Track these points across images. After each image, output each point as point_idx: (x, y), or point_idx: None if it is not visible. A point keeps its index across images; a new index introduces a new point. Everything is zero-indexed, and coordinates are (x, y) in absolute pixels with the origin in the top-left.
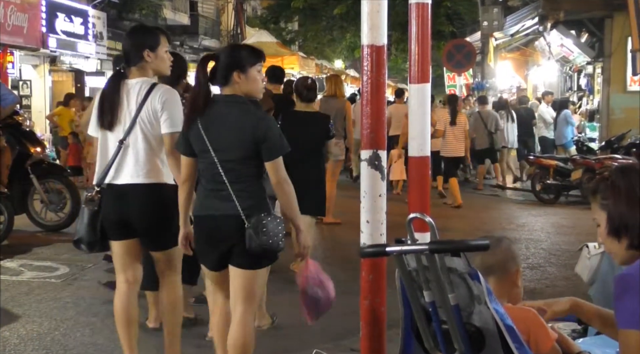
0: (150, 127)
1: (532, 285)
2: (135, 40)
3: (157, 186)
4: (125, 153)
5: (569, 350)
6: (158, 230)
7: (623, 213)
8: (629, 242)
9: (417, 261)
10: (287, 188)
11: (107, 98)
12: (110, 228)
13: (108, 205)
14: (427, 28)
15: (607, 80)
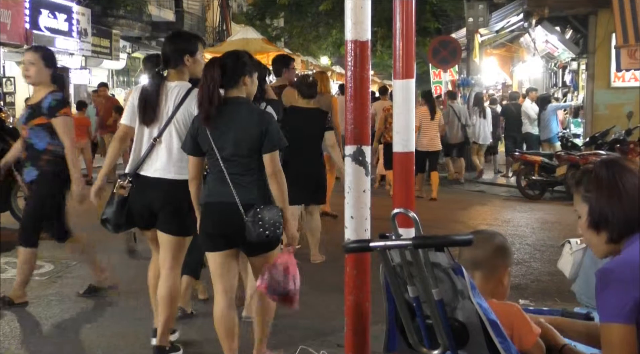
0: (184, 127)
1: (517, 280)
2: (178, 45)
3: (183, 181)
4: (158, 149)
5: (554, 343)
6: (175, 216)
7: (604, 206)
8: (609, 236)
9: (401, 257)
10: (280, 180)
11: (149, 98)
12: (137, 216)
13: (137, 194)
14: (412, 24)
15: (591, 76)
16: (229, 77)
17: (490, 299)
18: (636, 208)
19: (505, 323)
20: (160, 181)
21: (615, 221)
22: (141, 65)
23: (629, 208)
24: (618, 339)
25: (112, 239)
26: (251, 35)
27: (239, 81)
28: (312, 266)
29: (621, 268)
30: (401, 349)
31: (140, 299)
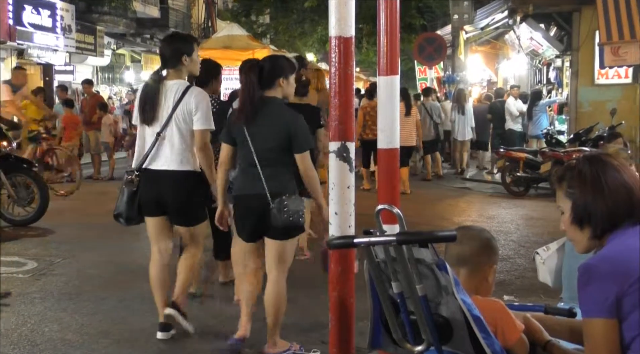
0: (184, 123)
1: (502, 276)
2: (176, 46)
3: (187, 173)
4: (162, 144)
5: (538, 339)
6: (185, 209)
7: (587, 202)
8: (592, 232)
9: (385, 253)
10: (311, 175)
11: (148, 98)
12: (146, 206)
13: (145, 186)
14: (396, 20)
15: (575, 73)
16: (266, 79)
17: (474, 295)
18: (619, 204)
19: (489, 319)
20: (166, 173)
21: (599, 217)
22: (126, 61)
23: (611, 203)
24: (600, 333)
25: (92, 238)
26: (236, 31)
27: (274, 83)
28: (296, 263)
29: (603, 263)
30: (385, 345)
31: (123, 298)
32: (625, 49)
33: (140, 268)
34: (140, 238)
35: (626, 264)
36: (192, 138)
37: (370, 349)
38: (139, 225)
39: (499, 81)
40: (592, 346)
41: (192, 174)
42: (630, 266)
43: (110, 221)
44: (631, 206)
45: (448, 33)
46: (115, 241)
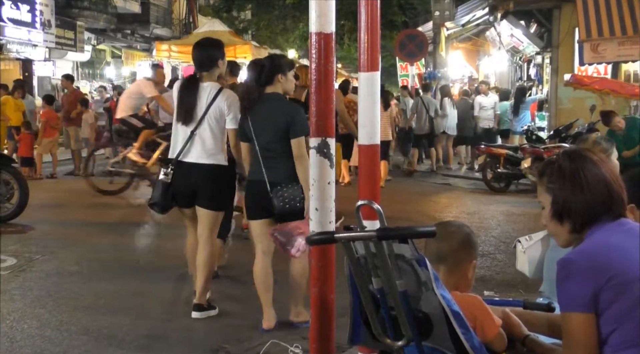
0: (216, 122)
1: (483, 272)
2: (212, 52)
3: (216, 166)
4: (194, 140)
5: (517, 334)
6: (213, 196)
7: (567, 197)
8: (571, 226)
9: (366, 248)
10: (304, 163)
11: (185, 100)
12: (181, 198)
13: (179, 178)
14: (377, 17)
15: (555, 70)
16: (266, 76)
17: (453, 291)
18: (597, 199)
19: (467, 315)
20: (198, 166)
21: (578, 212)
22: (107, 57)
23: (590, 198)
24: (578, 327)
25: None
26: (218, 27)
27: (274, 79)
28: (278, 259)
29: (581, 257)
30: (365, 340)
31: (103, 295)
32: (605, 46)
33: (121, 264)
34: (121, 235)
35: (604, 259)
36: (221, 135)
37: (350, 345)
38: (119, 222)
39: (480, 77)
40: (570, 341)
41: (221, 167)
42: (608, 262)
43: (91, 218)
44: (610, 201)
45: (429, 30)
46: (96, 237)
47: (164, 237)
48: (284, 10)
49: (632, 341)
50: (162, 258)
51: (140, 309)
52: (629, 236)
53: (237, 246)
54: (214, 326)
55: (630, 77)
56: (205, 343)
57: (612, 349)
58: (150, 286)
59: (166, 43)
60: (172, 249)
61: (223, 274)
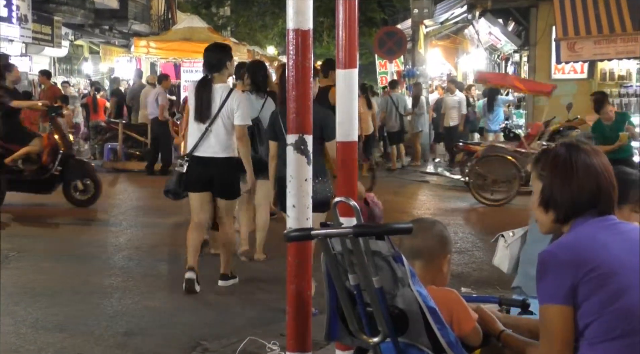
0: (228, 119)
1: (460, 269)
2: (221, 55)
3: (229, 158)
4: (209, 136)
5: (492, 329)
6: (227, 186)
7: (555, 187)
8: (555, 216)
9: (342, 245)
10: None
11: (200, 100)
12: (193, 184)
13: (194, 169)
14: (355, 13)
15: (532, 68)
16: None
17: (430, 285)
18: (585, 193)
19: (444, 309)
20: (213, 159)
21: (563, 203)
22: (84, 53)
23: (578, 192)
24: (555, 319)
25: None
26: (197, 24)
27: None
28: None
29: (561, 250)
30: (342, 336)
31: (79, 292)
32: (581, 45)
33: (97, 261)
34: (97, 231)
35: (583, 253)
36: (233, 131)
37: (327, 341)
38: (95, 219)
39: (459, 75)
40: (547, 332)
41: (233, 159)
42: (587, 255)
43: (67, 214)
44: (597, 196)
45: (408, 27)
46: (71, 234)
47: (141, 233)
48: (263, 6)
49: (608, 335)
50: (139, 254)
51: (118, 306)
52: (612, 232)
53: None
54: (192, 322)
55: (607, 76)
56: (183, 340)
57: (588, 342)
58: (127, 283)
59: (144, 39)
60: (150, 245)
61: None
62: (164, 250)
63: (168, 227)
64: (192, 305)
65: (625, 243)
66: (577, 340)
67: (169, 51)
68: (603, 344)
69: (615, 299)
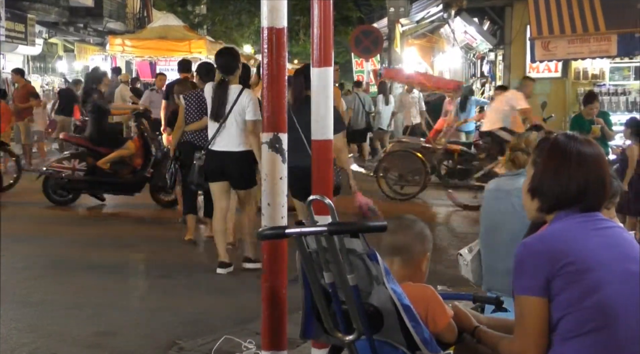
0: (240, 116)
1: (435, 266)
2: (234, 59)
3: (242, 152)
4: (223, 132)
5: (466, 325)
6: (242, 177)
7: (545, 176)
8: (539, 205)
9: (317, 243)
10: (344, 152)
11: (217, 100)
12: (212, 175)
13: (211, 162)
14: (330, 11)
15: (507, 67)
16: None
17: (406, 282)
18: (573, 187)
19: (420, 305)
20: (228, 153)
21: (550, 194)
22: (59, 51)
23: (565, 185)
24: (530, 311)
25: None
26: (172, 22)
27: None
28: (230, 254)
29: (539, 243)
30: (317, 335)
31: (53, 292)
32: (555, 44)
33: (72, 260)
34: (71, 231)
35: (560, 247)
36: (245, 126)
37: (303, 339)
38: (69, 218)
39: (435, 74)
40: (522, 323)
41: (246, 152)
42: (564, 249)
43: (40, 213)
44: (585, 192)
45: (384, 26)
46: (45, 234)
47: (115, 232)
48: (239, 5)
49: (581, 330)
50: (114, 254)
51: (92, 306)
52: (592, 228)
53: (192, 247)
54: (167, 322)
55: (580, 74)
56: (159, 339)
57: (560, 336)
58: (102, 282)
59: (120, 37)
60: (124, 244)
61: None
62: (143, 248)
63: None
64: (168, 304)
65: (603, 240)
66: (550, 334)
67: (145, 49)
68: (575, 339)
69: (589, 294)
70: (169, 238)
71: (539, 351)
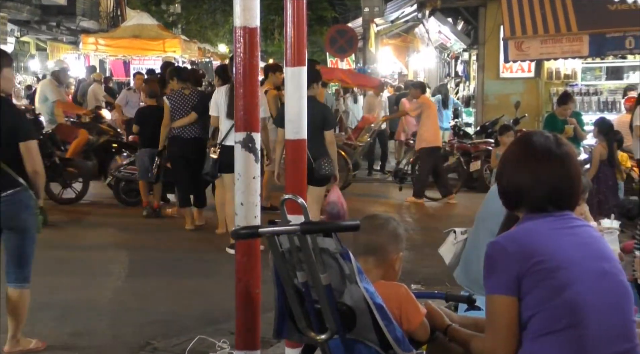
0: None
1: (410, 265)
2: None
3: None
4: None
5: (439, 324)
6: None
7: (507, 166)
8: (502, 201)
9: (290, 242)
10: (332, 147)
11: (231, 100)
12: (225, 167)
13: (225, 156)
14: (303, 11)
15: (481, 67)
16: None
17: (379, 280)
18: (542, 186)
19: (393, 303)
20: None
21: (507, 189)
22: (31, 50)
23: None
24: (500, 309)
25: None
26: (146, 21)
27: (311, 85)
28: (204, 254)
29: (509, 242)
30: (290, 334)
31: None
32: (528, 44)
33: (43, 259)
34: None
35: (530, 246)
36: None
37: (276, 339)
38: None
39: (410, 74)
40: (492, 322)
41: None
42: (534, 248)
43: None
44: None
45: (359, 25)
46: None
47: (86, 230)
48: (213, 4)
49: (550, 328)
50: (86, 252)
51: (65, 306)
52: (562, 227)
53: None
54: (141, 322)
55: (553, 74)
56: (132, 340)
57: (530, 335)
58: (71, 282)
59: (93, 36)
60: (96, 244)
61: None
62: (113, 249)
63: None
64: (141, 304)
65: (573, 238)
66: (521, 333)
67: (118, 48)
68: (545, 337)
69: (558, 292)
70: (140, 238)
71: (509, 349)
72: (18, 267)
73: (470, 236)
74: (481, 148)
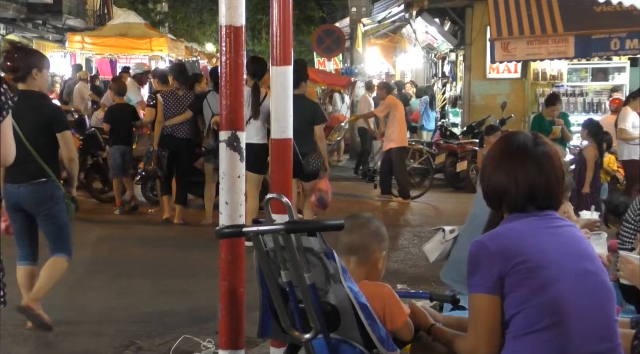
0: (263, 114)
1: (396, 265)
2: (264, 66)
3: (263, 144)
4: (249, 127)
5: (423, 323)
6: (261, 164)
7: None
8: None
9: (275, 242)
10: (322, 142)
11: (254, 101)
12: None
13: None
14: (289, 11)
15: (468, 67)
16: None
17: (363, 280)
18: (524, 189)
19: (377, 303)
20: (252, 144)
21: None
22: None
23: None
24: (483, 308)
25: None
26: (133, 19)
27: (299, 85)
28: (189, 252)
29: (492, 241)
30: (275, 333)
31: (7, 291)
32: (514, 45)
33: None
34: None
35: (513, 245)
36: (266, 123)
37: (260, 338)
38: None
39: (397, 74)
40: (475, 321)
41: (265, 144)
42: (516, 248)
43: None
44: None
45: (346, 25)
46: None
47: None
48: (200, 3)
49: (532, 327)
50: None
51: (47, 304)
52: (545, 226)
53: (149, 245)
54: (125, 321)
55: (539, 75)
56: (116, 339)
57: (513, 334)
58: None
59: (79, 34)
60: (80, 242)
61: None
62: (99, 247)
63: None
64: (125, 303)
65: (556, 238)
66: (503, 332)
67: (105, 47)
68: (527, 336)
69: (541, 291)
70: (123, 236)
71: (492, 348)
72: (57, 243)
73: (461, 236)
74: (468, 148)
